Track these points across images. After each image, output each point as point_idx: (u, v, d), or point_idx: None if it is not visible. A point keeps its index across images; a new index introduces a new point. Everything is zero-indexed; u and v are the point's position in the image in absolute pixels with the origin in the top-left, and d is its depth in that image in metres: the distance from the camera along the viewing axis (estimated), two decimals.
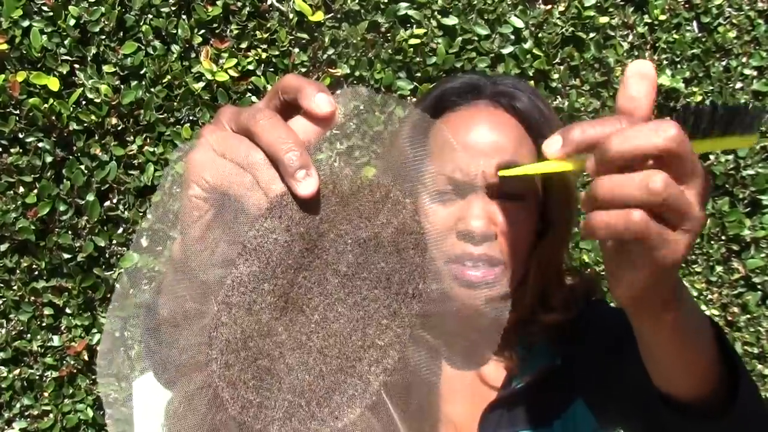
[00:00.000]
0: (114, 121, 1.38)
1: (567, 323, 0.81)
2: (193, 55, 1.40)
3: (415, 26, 1.43)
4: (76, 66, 1.37)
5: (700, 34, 1.53)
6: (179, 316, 0.43)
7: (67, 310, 1.45)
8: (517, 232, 0.75)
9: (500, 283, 0.73)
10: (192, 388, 0.42)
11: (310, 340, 0.42)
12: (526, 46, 1.46)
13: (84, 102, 1.37)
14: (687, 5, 1.51)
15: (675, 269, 0.46)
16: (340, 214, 0.44)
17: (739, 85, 1.54)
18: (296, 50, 1.42)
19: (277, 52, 1.41)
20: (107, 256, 1.44)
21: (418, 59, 1.43)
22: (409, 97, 1.43)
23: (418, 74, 1.44)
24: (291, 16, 1.39)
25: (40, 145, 1.37)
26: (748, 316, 1.61)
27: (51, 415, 1.47)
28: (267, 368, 0.42)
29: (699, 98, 1.53)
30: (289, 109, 0.46)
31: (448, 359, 0.47)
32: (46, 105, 1.34)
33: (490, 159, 0.77)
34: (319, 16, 1.39)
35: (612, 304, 0.88)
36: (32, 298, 1.42)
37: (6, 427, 1.46)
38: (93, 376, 1.49)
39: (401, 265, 0.44)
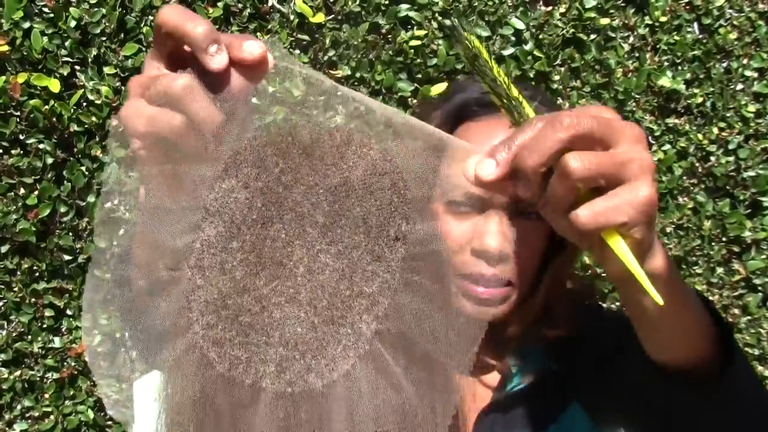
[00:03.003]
0: (115, 122, 1.37)
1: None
2: None
3: (416, 28, 1.43)
4: (77, 67, 1.36)
5: (700, 36, 1.53)
6: (155, 285, 0.44)
7: (68, 312, 1.44)
8: (529, 252, 0.74)
9: (508, 302, 0.73)
10: (178, 352, 0.43)
11: (298, 293, 0.42)
12: (527, 47, 1.46)
13: (85, 103, 1.37)
14: (688, 7, 1.51)
15: (649, 221, 0.45)
16: (304, 165, 0.44)
17: (739, 86, 1.53)
18: (297, 52, 1.42)
19: (277, 54, 1.40)
20: (108, 257, 1.43)
21: (419, 61, 1.43)
22: (409, 99, 1.43)
23: (419, 75, 1.44)
24: (292, 17, 1.39)
25: (41, 146, 1.37)
26: (749, 317, 1.61)
27: (52, 417, 1.47)
28: (250, 324, 0.42)
29: (700, 99, 1.53)
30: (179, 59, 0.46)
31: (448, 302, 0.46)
32: (46, 106, 1.34)
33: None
34: (319, 17, 1.39)
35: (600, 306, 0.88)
36: (33, 299, 1.42)
37: (7, 428, 1.46)
38: (94, 378, 1.49)
39: (377, 207, 0.44)
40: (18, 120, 1.35)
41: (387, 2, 1.41)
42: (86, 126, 1.37)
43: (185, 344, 0.43)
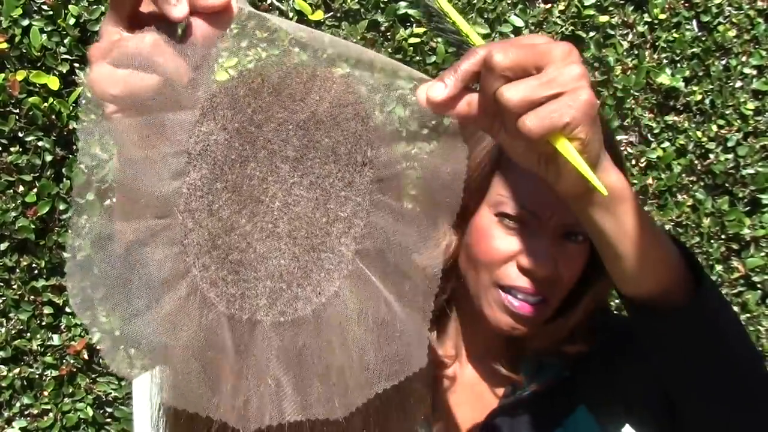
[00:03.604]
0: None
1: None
2: None
3: (414, 25, 1.43)
4: (76, 65, 1.37)
5: (699, 33, 1.53)
6: (145, 235, 0.45)
7: (67, 309, 1.45)
8: (570, 274, 0.74)
9: (538, 319, 0.73)
10: (181, 297, 0.45)
11: (276, 226, 0.44)
12: None
13: (84, 101, 1.37)
14: (687, 4, 1.51)
15: (591, 121, 0.48)
16: (274, 103, 0.46)
17: (738, 83, 1.54)
18: (296, 49, 1.42)
19: (276, 51, 1.40)
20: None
21: (417, 58, 1.43)
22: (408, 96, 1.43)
23: None
24: (291, 15, 1.39)
25: (40, 144, 1.37)
26: (748, 315, 1.61)
27: (51, 414, 1.47)
28: (239, 261, 0.44)
29: (699, 97, 1.53)
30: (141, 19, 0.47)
31: (412, 221, 0.49)
32: (45, 104, 1.34)
33: (563, 204, 0.67)
34: (318, 15, 1.39)
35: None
36: (32, 297, 1.42)
37: (6, 426, 1.46)
38: (93, 375, 1.49)
39: (344, 136, 0.46)
40: (17, 117, 1.35)
41: (386, 0, 1.42)
42: (85, 123, 1.37)
43: (187, 288, 0.45)
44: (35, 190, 1.38)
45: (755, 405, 0.62)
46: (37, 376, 1.46)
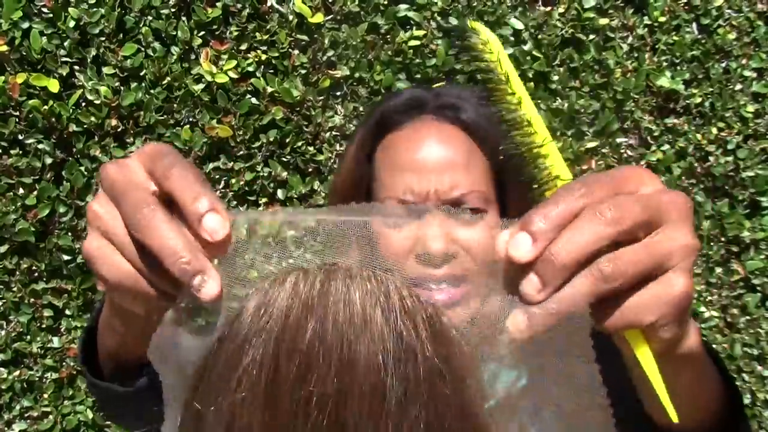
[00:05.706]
0: (114, 122, 1.38)
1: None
2: (192, 56, 1.40)
3: (414, 28, 1.43)
4: (76, 68, 1.37)
5: (699, 36, 1.53)
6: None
7: (67, 312, 1.45)
8: (482, 245, 0.72)
9: (472, 300, 0.71)
10: None
11: None
12: (526, 47, 1.46)
13: (84, 103, 1.37)
14: (687, 7, 1.51)
15: (682, 319, 0.39)
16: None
17: (738, 86, 1.53)
18: (296, 52, 1.42)
19: (276, 54, 1.41)
20: None
21: (417, 61, 1.43)
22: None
23: (418, 76, 1.44)
24: (291, 17, 1.39)
25: (40, 146, 1.37)
26: (748, 317, 1.61)
27: (51, 417, 1.47)
28: None
29: (698, 99, 1.53)
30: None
31: None
32: (45, 106, 1.34)
33: (440, 175, 0.74)
34: (318, 17, 1.39)
35: None
36: (32, 299, 1.42)
37: (6, 428, 1.46)
38: None
39: None
40: (17, 120, 1.35)
41: (386, 2, 1.41)
42: (85, 126, 1.37)
43: None
44: (35, 192, 1.38)
45: None
46: (37, 379, 1.46)
